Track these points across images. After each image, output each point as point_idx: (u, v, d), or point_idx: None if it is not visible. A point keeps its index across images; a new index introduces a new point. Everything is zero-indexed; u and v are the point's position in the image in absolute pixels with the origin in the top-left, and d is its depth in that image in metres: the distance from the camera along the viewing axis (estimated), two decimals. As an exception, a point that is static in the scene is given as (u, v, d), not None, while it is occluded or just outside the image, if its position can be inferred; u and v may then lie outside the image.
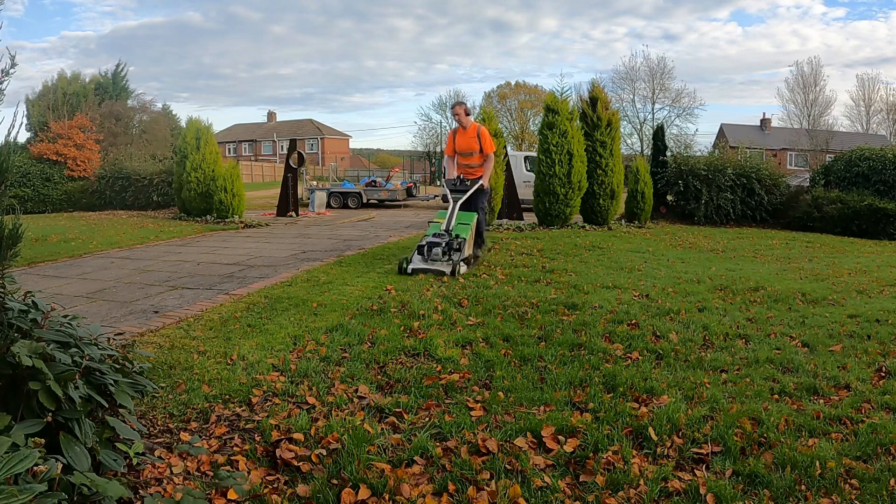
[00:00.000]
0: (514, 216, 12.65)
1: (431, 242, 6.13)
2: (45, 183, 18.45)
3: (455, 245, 6.20)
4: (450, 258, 6.12)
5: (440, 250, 6.07)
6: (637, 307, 4.68)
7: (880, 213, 12.89)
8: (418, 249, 6.26)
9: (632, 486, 2.14)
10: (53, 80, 24.26)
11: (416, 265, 6.05)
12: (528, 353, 3.52)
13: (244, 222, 12.55)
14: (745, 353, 3.63)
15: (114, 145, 21.56)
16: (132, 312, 4.65)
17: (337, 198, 18.99)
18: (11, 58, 2.12)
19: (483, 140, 7.04)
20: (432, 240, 6.18)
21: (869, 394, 2.99)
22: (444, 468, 2.25)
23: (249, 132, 59.82)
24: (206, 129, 14.09)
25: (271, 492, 2.07)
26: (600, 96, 12.30)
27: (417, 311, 4.41)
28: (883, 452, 2.37)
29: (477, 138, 7.07)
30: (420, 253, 6.20)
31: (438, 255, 6.06)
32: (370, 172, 30.95)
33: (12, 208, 2.25)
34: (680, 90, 40.94)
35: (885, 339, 3.95)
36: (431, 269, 5.95)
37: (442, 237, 6.25)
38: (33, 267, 6.96)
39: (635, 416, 2.66)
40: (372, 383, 3.08)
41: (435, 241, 6.15)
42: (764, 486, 2.15)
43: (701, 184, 13.98)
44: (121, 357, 2.35)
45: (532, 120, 49.20)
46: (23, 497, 1.32)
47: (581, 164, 11.49)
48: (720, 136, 38.82)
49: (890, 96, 39.93)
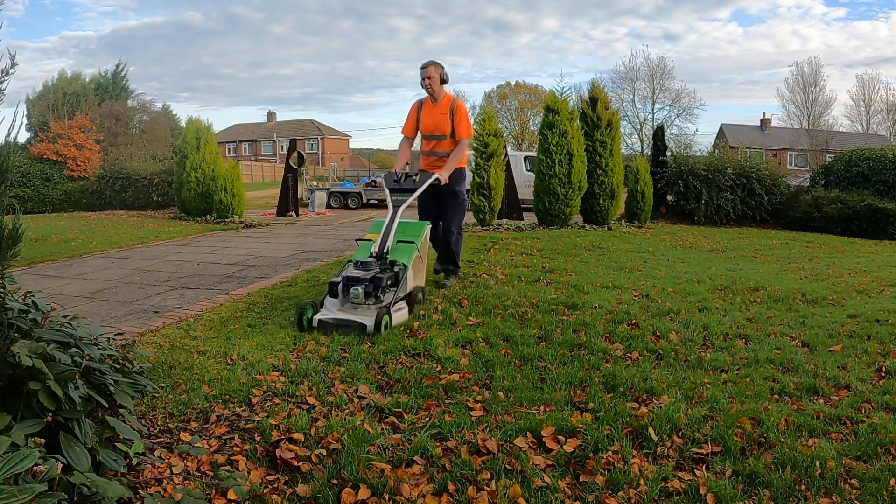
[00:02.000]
0: (514, 216, 12.65)
1: (350, 278, 4.08)
2: (45, 183, 18.45)
3: (387, 279, 4.16)
4: (377, 300, 4.12)
5: (360, 290, 4.03)
6: (637, 307, 4.68)
7: (880, 213, 12.89)
8: (330, 289, 4.21)
9: (632, 486, 2.13)
10: (53, 80, 24.28)
11: (325, 315, 4.01)
12: (528, 353, 3.52)
13: (244, 222, 12.55)
14: (745, 353, 3.63)
15: (114, 145, 21.56)
16: (132, 312, 4.65)
17: (337, 198, 18.99)
18: (11, 58, 2.12)
19: (458, 118, 5.12)
20: (352, 273, 4.13)
21: (869, 394, 2.99)
22: (444, 468, 2.25)
23: (249, 132, 59.83)
24: (206, 129, 14.10)
25: (271, 492, 2.07)
26: (600, 96, 12.30)
27: (418, 311, 4.41)
28: (883, 452, 2.37)
29: (450, 116, 5.11)
30: (333, 294, 4.19)
31: (359, 298, 4.04)
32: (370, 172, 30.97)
33: (12, 208, 2.25)
34: (680, 90, 40.98)
35: (885, 339, 3.95)
36: (345, 323, 3.91)
37: (367, 267, 4.19)
38: (33, 267, 6.96)
39: (635, 416, 2.66)
40: (372, 383, 3.08)
41: (354, 274, 4.10)
42: (764, 486, 2.15)
43: (701, 184, 13.98)
44: (121, 357, 2.35)
45: (532, 120, 49.22)
46: (23, 497, 1.32)
47: (581, 164, 11.49)
48: (720, 136, 38.81)
49: (890, 96, 39.96)
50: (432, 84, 5.07)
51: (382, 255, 4.33)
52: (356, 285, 4.03)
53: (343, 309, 4.09)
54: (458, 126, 5.12)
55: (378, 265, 4.24)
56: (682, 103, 40.61)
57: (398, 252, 4.48)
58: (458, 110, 5.13)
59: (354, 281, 4.04)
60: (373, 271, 4.14)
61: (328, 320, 3.93)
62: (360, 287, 4.02)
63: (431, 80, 5.06)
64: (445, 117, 5.12)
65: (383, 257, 4.33)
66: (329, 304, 4.17)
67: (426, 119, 5.20)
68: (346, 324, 3.89)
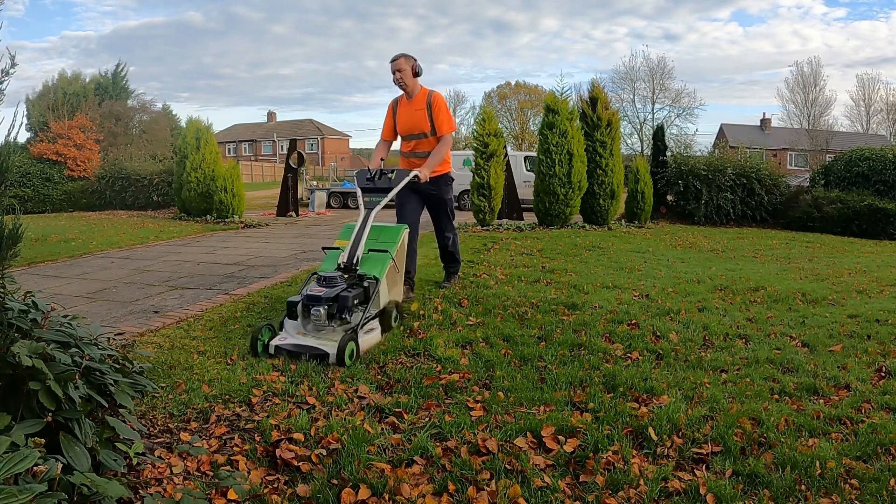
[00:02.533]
0: (514, 216, 12.65)
1: (311, 297, 3.45)
2: (45, 183, 18.46)
3: (354, 297, 3.52)
4: (343, 322, 3.52)
5: (323, 311, 3.43)
6: (637, 307, 4.68)
7: (880, 213, 12.89)
8: (289, 309, 3.56)
9: (632, 486, 2.14)
10: (54, 80, 24.33)
11: (283, 340, 3.44)
12: (528, 353, 3.52)
13: (244, 222, 12.55)
14: (745, 353, 3.63)
15: (114, 145, 21.59)
16: (132, 312, 4.65)
17: (337, 198, 19.00)
18: (11, 58, 2.12)
19: (437, 112, 4.65)
20: (313, 291, 3.50)
21: (869, 394, 2.99)
22: (444, 468, 2.25)
23: (249, 132, 59.83)
24: (206, 129, 14.10)
25: (271, 492, 2.07)
26: (600, 96, 12.31)
27: (417, 311, 4.41)
28: (883, 452, 2.37)
29: (427, 111, 4.66)
30: (293, 315, 3.57)
31: (321, 320, 3.45)
32: (370, 172, 30.97)
33: (12, 208, 2.25)
34: (680, 90, 41.04)
35: (885, 339, 3.95)
36: (305, 349, 3.35)
37: (332, 283, 3.54)
38: (33, 267, 6.96)
39: (635, 416, 2.66)
40: (372, 383, 3.08)
41: (316, 293, 3.47)
42: (764, 486, 2.15)
43: (701, 184, 13.99)
44: (121, 357, 2.35)
45: (532, 120, 49.24)
46: (23, 497, 1.32)
47: (581, 164, 11.50)
48: (720, 136, 38.83)
49: (890, 96, 40.00)
50: (404, 78, 4.63)
51: (351, 267, 3.73)
52: (317, 305, 3.42)
53: (304, 332, 3.52)
54: (438, 121, 4.66)
55: (345, 279, 3.63)
56: (682, 103, 40.66)
57: (370, 262, 3.90)
58: (436, 103, 4.66)
59: (315, 300, 3.43)
60: (338, 288, 3.51)
61: (286, 346, 3.38)
62: (322, 307, 3.42)
63: (403, 74, 4.62)
64: (423, 113, 4.68)
65: (352, 269, 3.73)
66: (289, 327, 3.58)
67: (403, 118, 4.79)
68: (306, 350, 3.34)
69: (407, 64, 4.63)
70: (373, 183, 4.40)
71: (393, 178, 4.37)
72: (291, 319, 3.58)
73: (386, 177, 4.39)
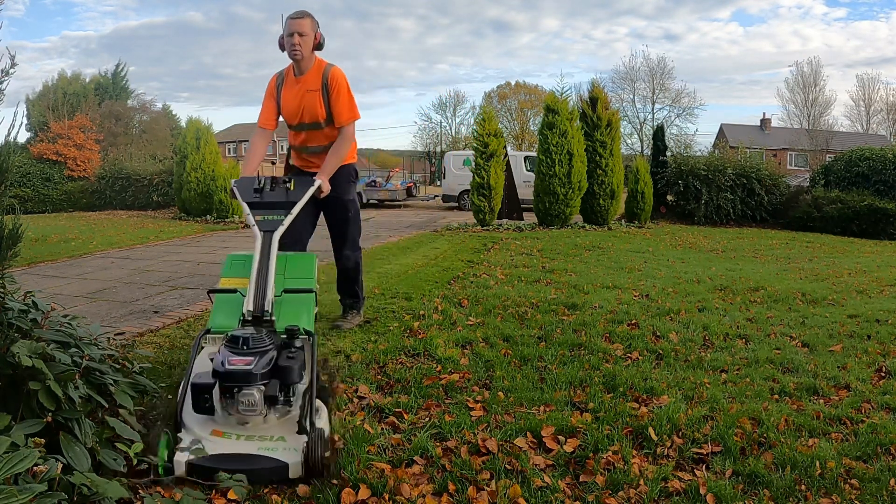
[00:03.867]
0: (514, 216, 12.66)
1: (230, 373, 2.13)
2: (45, 183, 18.47)
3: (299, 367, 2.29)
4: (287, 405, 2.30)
5: (257, 394, 2.15)
6: (637, 307, 4.68)
7: (880, 213, 12.90)
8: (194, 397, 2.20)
9: (632, 486, 2.14)
10: (54, 80, 24.29)
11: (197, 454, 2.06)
12: (528, 353, 3.52)
13: (244, 222, 12.56)
14: (745, 353, 3.63)
15: (114, 145, 21.59)
16: (132, 312, 4.65)
17: (337, 198, 18.94)
18: (11, 58, 2.12)
19: (336, 95, 3.42)
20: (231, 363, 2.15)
21: (869, 394, 2.99)
22: (444, 468, 2.25)
23: (249, 132, 59.77)
24: (206, 129, 14.12)
25: (271, 492, 2.06)
26: (600, 96, 12.32)
27: (418, 311, 4.41)
28: (883, 452, 2.37)
29: (322, 93, 3.42)
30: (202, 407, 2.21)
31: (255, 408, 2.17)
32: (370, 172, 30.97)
33: (12, 208, 2.25)
34: (680, 90, 41.08)
35: (885, 339, 3.95)
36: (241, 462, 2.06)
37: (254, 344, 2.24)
38: (33, 267, 6.96)
39: (635, 416, 2.66)
40: (372, 383, 3.08)
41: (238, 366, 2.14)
42: (764, 486, 2.15)
43: (701, 184, 14.00)
44: (121, 357, 2.35)
45: (532, 120, 49.23)
46: (23, 497, 1.32)
47: (581, 164, 11.51)
48: (720, 136, 38.84)
49: (890, 96, 40.00)
50: (303, 46, 3.34)
51: (264, 318, 2.47)
52: (248, 386, 2.12)
53: (226, 430, 2.20)
54: (337, 106, 3.42)
55: (268, 337, 2.30)
56: (682, 103, 40.70)
57: (288, 309, 2.70)
58: (336, 83, 3.40)
59: (243, 378, 2.11)
60: (267, 351, 2.22)
61: (205, 463, 2.03)
62: (256, 389, 2.13)
63: (304, 40, 3.33)
64: (316, 96, 3.42)
65: (266, 321, 2.47)
66: (197, 427, 2.20)
67: (289, 100, 3.49)
68: (243, 464, 2.05)
69: (312, 28, 3.39)
70: (261, 196, 3.00)
71: (292, 189, 3.04)
72: (201, 413, 2.21)
73: (281, 186, 3.04)
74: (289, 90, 3.51)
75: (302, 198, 3.04)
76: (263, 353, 2.22)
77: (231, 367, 2.14)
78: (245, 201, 2.99)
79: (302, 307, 2.76)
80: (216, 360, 2.21)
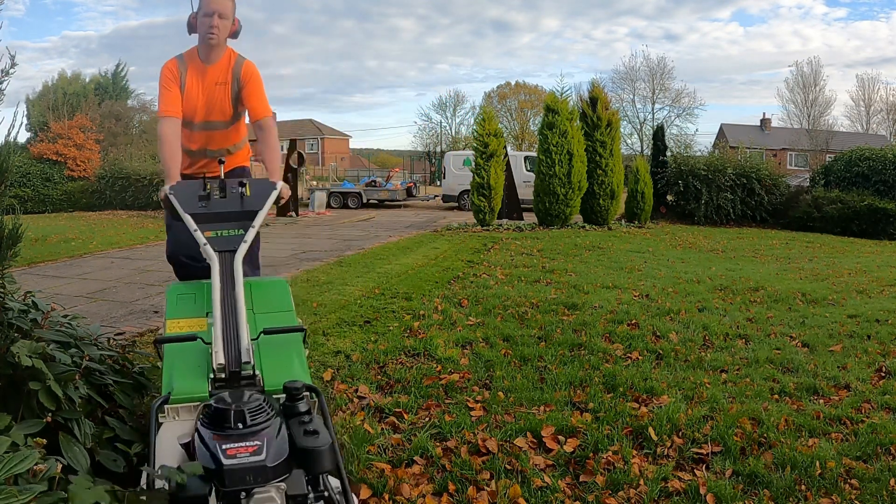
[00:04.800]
0: (514, 216, 12.65)
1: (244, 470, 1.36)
2: (45, 183, 18.47)
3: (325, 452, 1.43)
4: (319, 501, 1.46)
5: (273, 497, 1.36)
6: (637, 307, 4.67)
7: (880, 213, 12.90)
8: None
9: (632, 486, 2.14)
10: (54, 80, 24.36)
11: None
12: (528, 353, 3.52)
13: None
14: (745, 353, 3.63)
15: (114, 145, 21.56)
16: (132, 312, 4.65)
17: (337, 198, 19.00)
18: (11, 57, 2.12)
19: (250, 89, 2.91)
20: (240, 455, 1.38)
21: (869, 394, 2.99)
22: (444, 468, 2.25)
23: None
24: (206, 129, 14.09)
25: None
26: (600, 96, 12.32)
27: (418, 311, 4.41)
28: (883, 452, 2.37)
29: (232, 86, 2.90)
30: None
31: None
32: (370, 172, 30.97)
33: (12, 208, 2.25)
34: (680, 90, 40.95)
35: (885, 339, 3.95)
36: None
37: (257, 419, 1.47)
38: (33, 267, 6.96)
39: (635, 416, 2.66)
40: (372, 383, 3.07)
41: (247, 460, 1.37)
42: (764, 486, 2.15)
43: (701, 184, 14.00)
44: (121, 357, 2.35)
45: (532, 120, 49.19)
46: (23, 497, 1.32)
47: (581, 164, 11.51)
48: (720, 136, 38.80)
49: (890, 96, 39.89)
50: (220, 30, 2.76)
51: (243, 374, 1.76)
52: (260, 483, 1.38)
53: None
54: (253, 100, 2.92)
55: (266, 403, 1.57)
56: (682, 103, 40.62)
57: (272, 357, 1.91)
58: (253, 76, 2.92)
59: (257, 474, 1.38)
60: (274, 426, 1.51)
61: None
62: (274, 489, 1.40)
63: (223, 23, 2.76)
64: (224, 90, 2.91)
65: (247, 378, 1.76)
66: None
67: (193, 93, 2.87)
68: None
69: (233, 12, 2.84)
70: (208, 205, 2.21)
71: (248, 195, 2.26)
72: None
73: (234, 193, 2.25)
74: (193, 81, 2.85)
75: (263, 206, 2.27)
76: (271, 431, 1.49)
77: (232, 462, 1.39)
78: (188, 213, 2.16)
79: (291, 353, 1.95)
80: (201, 453, 1.46)
